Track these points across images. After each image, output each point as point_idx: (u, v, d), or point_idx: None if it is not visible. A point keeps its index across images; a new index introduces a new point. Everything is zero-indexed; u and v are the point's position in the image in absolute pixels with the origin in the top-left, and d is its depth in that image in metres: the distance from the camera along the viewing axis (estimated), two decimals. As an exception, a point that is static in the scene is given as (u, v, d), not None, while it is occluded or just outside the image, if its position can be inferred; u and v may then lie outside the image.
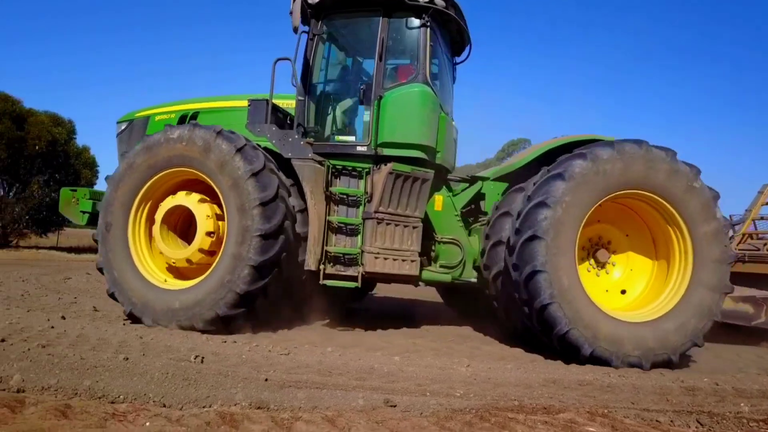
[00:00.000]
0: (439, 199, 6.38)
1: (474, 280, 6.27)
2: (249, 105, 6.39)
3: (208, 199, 5.79)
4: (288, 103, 6.54)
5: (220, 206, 5.68)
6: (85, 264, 10.65)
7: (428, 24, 6.01)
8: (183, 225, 6.08)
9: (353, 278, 5.76)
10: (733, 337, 6.91)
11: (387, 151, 5.93)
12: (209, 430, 2.78)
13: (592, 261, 5.91)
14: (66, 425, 2.72)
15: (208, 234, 5.66)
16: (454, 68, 7.32)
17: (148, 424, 2.83)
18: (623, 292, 5.84)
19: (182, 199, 5.76)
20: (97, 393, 3.27)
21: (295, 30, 5.96)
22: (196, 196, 5.77)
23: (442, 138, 6.18)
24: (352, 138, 6.16)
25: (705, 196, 5.35)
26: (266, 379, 3.76)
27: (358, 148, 6.00)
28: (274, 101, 6.26)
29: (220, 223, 5.71)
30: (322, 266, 5.76)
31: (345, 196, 5.96)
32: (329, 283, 5.78)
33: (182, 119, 6.76)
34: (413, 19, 6.06)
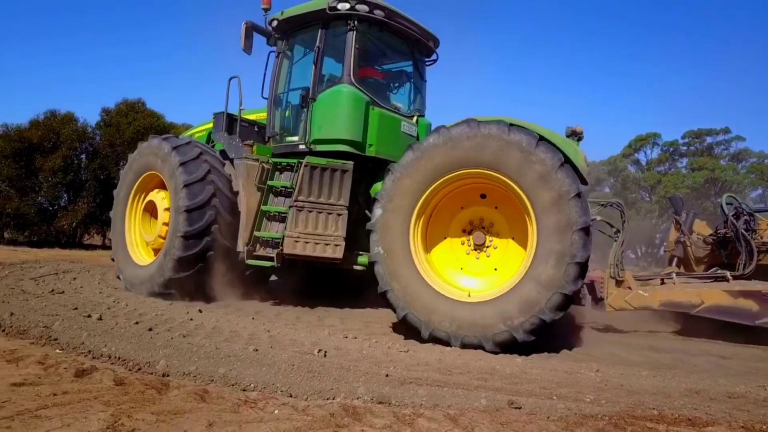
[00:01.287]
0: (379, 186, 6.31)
1: None
2: (213, 117, 7.88)
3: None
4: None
5: None
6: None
7: (354, 29, 6.66)
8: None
9: (272, 259, 6.52)
10: None
11: (318, 147, 6.71)
12: (334, 421, 2.82)
13: (470, 243, 5.67)
14: (204, 408, 2.90)
15: (165, 224, 7.15)
16: (417, 67, 7.67)
17: (276, 412, 2.93)
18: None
19: (153, 195, 7.53)
20: (231, 380, 3.46)
21: (246, 52, 7.27)
22: (163, 193, 7.31)
23: (374, 132, 6.68)
24: (295, 138, 7.06)
25: (544, 164, 4.93)
26: (387, 375, 3.77)
27: (299, 147, 6.89)
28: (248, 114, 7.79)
29: None
30: (248, 248, 6.72)
31: (282, 189, 6.83)
32: (251, 262, 6.76)
33: (208, 136, 8.25)
34: (342, 26, 6.77)
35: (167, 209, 7.13)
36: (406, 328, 5.41)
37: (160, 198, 7.37)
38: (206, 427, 2.62)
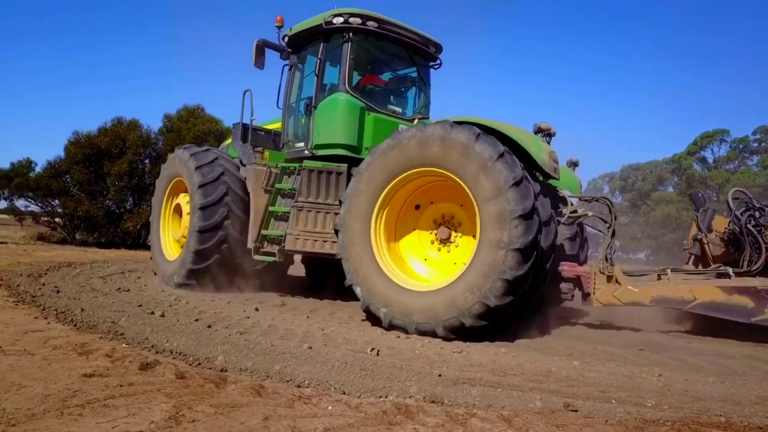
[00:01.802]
0: None
1: None
2: (233, 127, 8.70)
3: None
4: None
5: None
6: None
7: (349, 41, 7.05)
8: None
9: (275, 254, 7.20)
10: None
11: (319, 152, 7.13)
12: (386, 419, 2.83)
13: (437, 237, 6.02)
14: (260, 402, 2.97)
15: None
16: (420, 72, 7.91)
17: (330, 408, 2.97)
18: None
19: (179, 198, 8.58)
20: (286, 377, 3.53)
21: (258, 67, 7.78)
22: (188, 197, 8.08)
23: (369, 136, 6.95)
24: (301, 144, 7.50)
25: (482, 157, 5.18)
26: (440, 375, 3.76)
27: (305, 152, 7.32)
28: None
29: None
30: (256, 244, 7.35)
31: (288, 191, 7.37)
32: (257, 257, 7.44)
33: None
34: (339, 39, 7.16)
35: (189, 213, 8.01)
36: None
37: (185, 201, 8.29)
38: (262, 420, 2.69)
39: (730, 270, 6.14)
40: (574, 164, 7.50)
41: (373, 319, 6.11)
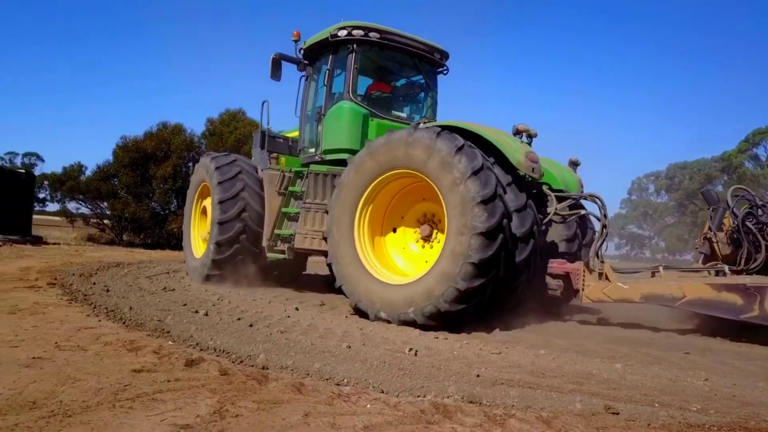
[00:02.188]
0: None
1: None
2: (253, 135, 9.80)
3: None
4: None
5: None
6: (320, 263, 11.91)
7: (354, 51, 7.51)
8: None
9: (284, 252, 7.78)
10: None
11: (328, 156, 7.63)
12: (424, 418, 2.85)
13: (420, 235, 6.43)
14: (301, 399, 3.03)
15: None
16: (427, 78, 8.28)
17: (368, 406, 3.01)
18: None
19: (206, 201, 9.36)
20: (325, 375, 3.59)
21: (274, 80, 8.38)
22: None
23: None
24: (313, 150, 8.15)
25: (442, 152, 5.58)
26: (478, 375, 3.76)
27: (315, 157, 7.93)
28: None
29: None
30: (269, 243, 8.01)
31: (299, 193, 7.86)
32: (270, 255, 8.06)
33: None
34: (345, 50, 7.63)
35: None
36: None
37: (210, 202, 9.01)
38: (302, 416, 2.75)
39: (726, 268, 6.08)
40: (574, 164, 7.80)
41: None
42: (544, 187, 6.81)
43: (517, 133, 6.65)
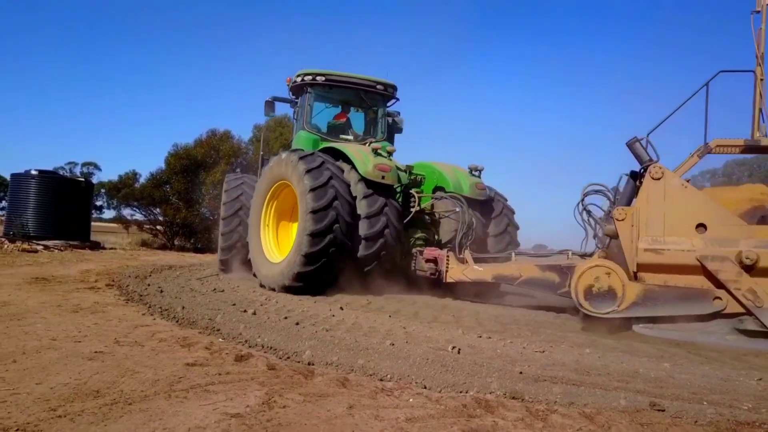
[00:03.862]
0: None
1: None
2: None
3: None
4: None
5: None
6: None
7: (307, 92, 9.43)
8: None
9: None
10: None
11: None
12: (466, 412, 2.90)
13: None
14: (345, 393, 3.12)
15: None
16: (374, 108, 9.92)
17: (411, 400, 3.08)
18: None
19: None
20: (369, 371, 3.67)
21: (268, 116, 11.37)
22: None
23: None
24: None
25: (299, 169, 7.66)
26: (521, 372, 3.76)
27: None
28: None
29: None
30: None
31: None
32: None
33: None
34: (303, 92, 9.55)
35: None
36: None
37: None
38: (347, 408, 2.84)
39: (570, 252, 6.82)
40: (476, 170, 9.09)
41: (455, 320, 6.18)
42: (440, 192, 8.85)
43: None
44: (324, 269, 7.57)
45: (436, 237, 8.72)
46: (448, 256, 7.55)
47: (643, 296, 5.52)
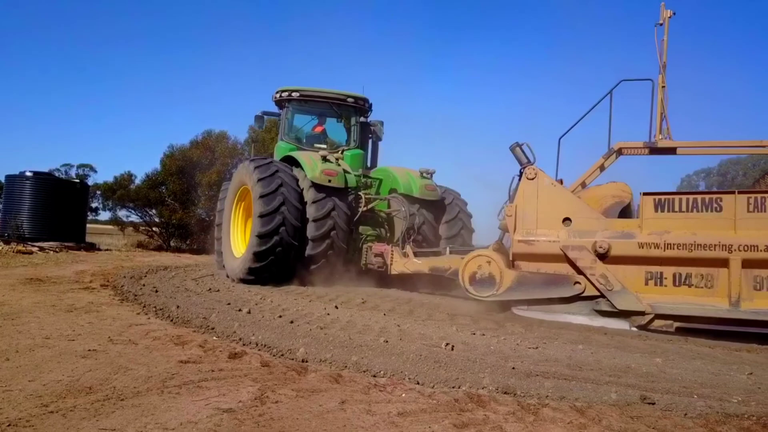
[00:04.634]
0: None
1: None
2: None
3: None
4: None
5: None
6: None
7: (285, 107, 10.57)
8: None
9: None
10: None
11: None
12: (458, 406, 2.91)
13: None
14: (338, 389, 3.14)
15: None
16: (346, 119, 10.81)
17: (404, 395, 3.09)
18: None
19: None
20: (362, 367, 3.69)
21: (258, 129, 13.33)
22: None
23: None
24: None
25: (254, 177, 8.55)
26: (513, 368, 3.78)
27: None
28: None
29: None
30: None
31: None
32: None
33: None
34: (281, 106, 10.69)
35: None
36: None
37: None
38: (339, 403, 2.85)
39: (448, 248, 8.33)
40: (427, 172, 9.80)
41: (449, 318, 6.19)
42: (394, 194, 9.66)
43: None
44: (272, 266, 8.55)
45: (388, 234, 9.74)
46: (392, 251, 8.41)
47: (518, 282, 6.29)
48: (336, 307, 6.39)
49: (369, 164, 10.92)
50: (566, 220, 6.21)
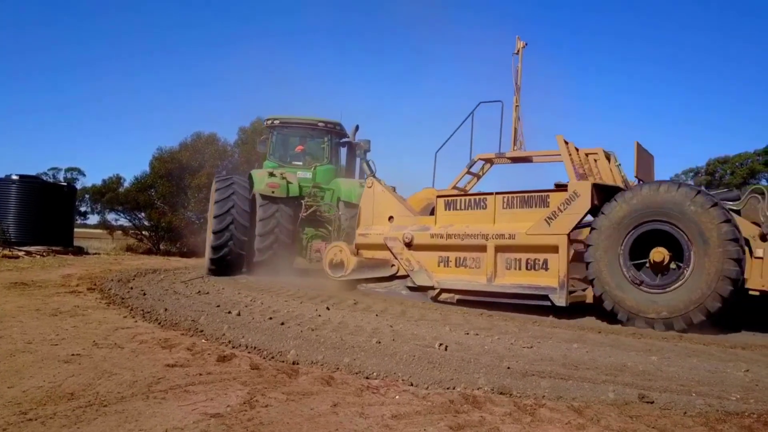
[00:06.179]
0: None
1: None
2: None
3: None
4: None
5: None
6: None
7: (271, 131, 12.42)
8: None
9: None
10: None
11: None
12: (453, 408, 2.84)
13: None
14: (330, 391, 3.05)
15: None
16: (323, 141, 12.33)
17: (397, 397, 3.01)
18: None
19: None
20: (354, 369, 3.60)
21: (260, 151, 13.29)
22: None
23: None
24: None
25: (212, 188, 10.70)
26: (508, 368, 3.72)
27: None
28: None
29: None
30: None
31: None
32: None
33: None
34: (268, 131, 12.63)
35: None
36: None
37: None
38: (331, 406, 2.77)
39: None
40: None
41: (442, 318, 6.13)
42: (330, 200, 11.24)
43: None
44: (226, 257, 10.34)
45: (330, 234, 10.99)
46: (325, 248, 9.57)
47: (359, 265, 8.21)
48: (327, 309, 6.30)
49: (356, 176, 12.47)
50: (391, 218, 8.26)
